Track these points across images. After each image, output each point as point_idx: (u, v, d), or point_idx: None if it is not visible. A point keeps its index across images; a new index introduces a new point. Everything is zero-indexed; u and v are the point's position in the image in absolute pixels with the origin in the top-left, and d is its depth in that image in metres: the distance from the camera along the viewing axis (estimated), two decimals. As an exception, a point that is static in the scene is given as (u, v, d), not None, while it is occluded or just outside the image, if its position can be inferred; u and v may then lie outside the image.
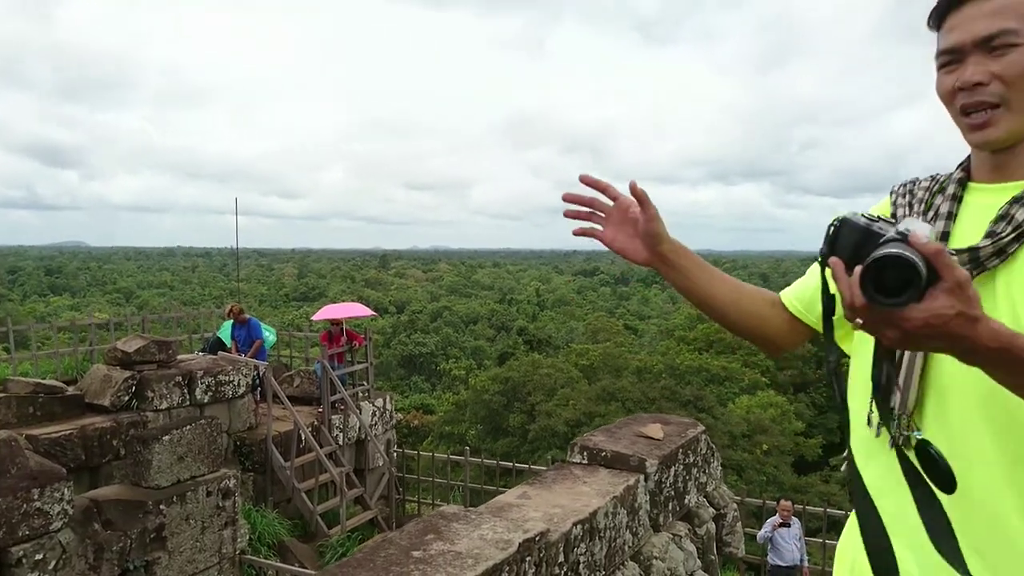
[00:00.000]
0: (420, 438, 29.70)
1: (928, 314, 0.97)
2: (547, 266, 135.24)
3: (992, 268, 1.22)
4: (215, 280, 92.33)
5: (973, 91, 1.22)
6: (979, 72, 1.21)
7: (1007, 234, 1.21)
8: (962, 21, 1.23)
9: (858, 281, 0.98)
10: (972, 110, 1.24)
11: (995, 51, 1.21)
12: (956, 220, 1.31)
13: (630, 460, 4.13)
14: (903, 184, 1.45)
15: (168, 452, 6.75)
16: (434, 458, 11.28)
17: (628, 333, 53.03)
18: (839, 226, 1.08)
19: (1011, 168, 1.27)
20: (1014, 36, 1.19)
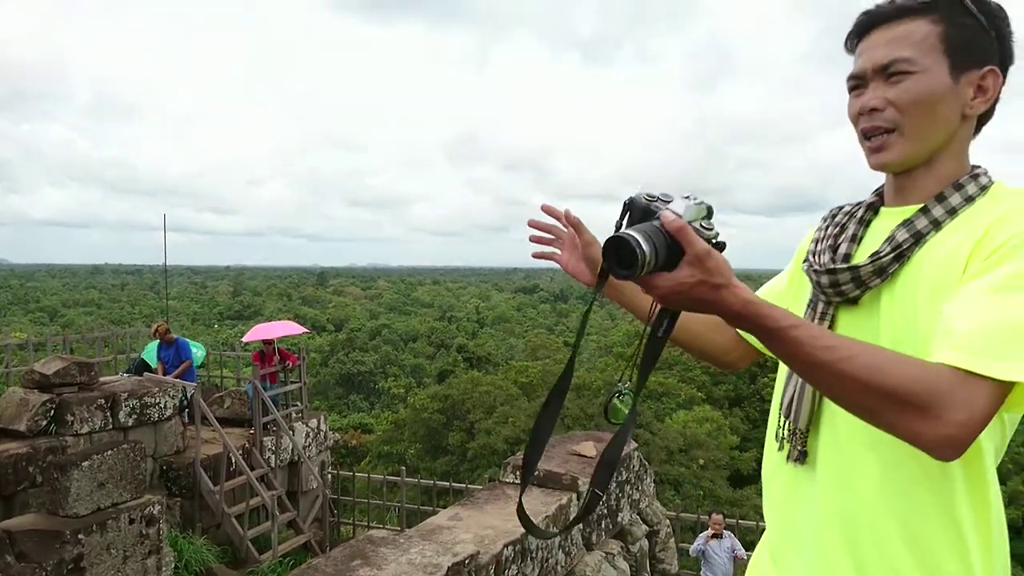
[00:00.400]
0: (358, 458, 29.22)
1: (673, 282, 1.07)
2: (487, 283, 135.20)
3: (874, 287, 1.26)
4: (145, 298, 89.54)
5: (871, 116, 1.27)
6: (876, 98, 1.26)
7: (886, 254, 1.25)
8: (867, 48, 1.28)
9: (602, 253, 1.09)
10: (871, 134, 1.28)
11: (891, 78, 1.24)
12: (860, 242, 1.35)
13: (563, 479, 4.13)
14: (830, 212, 1.50)
15: (88, 478, 6.47)
16: (370, 479, 11.09)
17: (567, 350, 53.28)
18: (628, 203, 1.19)
19: (909, 192, 1.32)
20: (908, 64, 1.22)
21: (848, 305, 1.31)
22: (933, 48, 1.22)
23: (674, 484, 22.61)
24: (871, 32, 1.28)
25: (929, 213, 1.26)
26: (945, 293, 1.15)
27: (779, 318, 1.07)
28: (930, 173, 1.29)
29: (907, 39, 1.23)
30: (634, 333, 44.12)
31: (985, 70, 1.25)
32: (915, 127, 1.24)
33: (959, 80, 1.23)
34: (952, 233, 1.24)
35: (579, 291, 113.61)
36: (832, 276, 1.29)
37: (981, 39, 1.24)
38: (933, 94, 1.22)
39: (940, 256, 1.22)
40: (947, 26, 1.22)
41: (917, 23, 1.23)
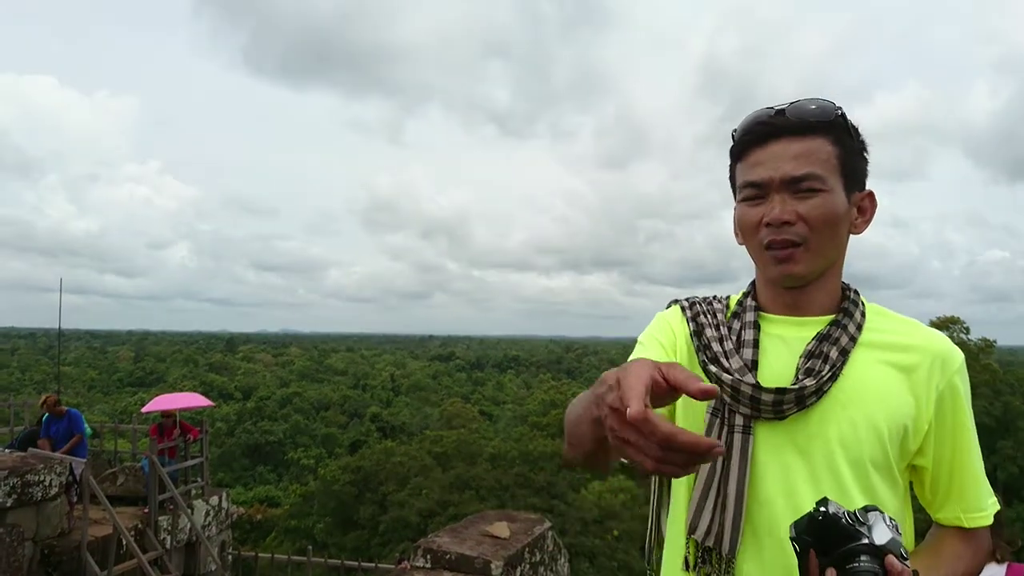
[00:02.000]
0: (264, 533, 27.94)
1: None
2: (403, 351, 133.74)
3: (809, 405, 1.25)
4: (38, 363, 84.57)
5: (780, 229, 1.25)
6: (787, 212, 1.24)
7: (825, 373, 1.24)
8: (769, 158, 1.25)
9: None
10: (777, 247, 1.26)
11: (800, 193, 1.24)
12: (761, 350, 1.32)
13: (475, 562, 3.99)
14: (702, 300, 1.45)
15: (-44, 567, 5.91)
16: (274, 558, 10.55)
17: (483, 419, 52.98)
18: (821, 517, 1.03)
19: (804, 306, 1.33)
20: (819, 182, 1.23)
21: (770, 421, 1.26)
22: (834, 168, 1.25)
23: (589, 556, 22.38)
24: (769, 143, 1.26)
25: (846, 329, 1.29)
26: (886, 415, 1.23)
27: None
28: (823, 287, 1.32)
29: (815, 156, 1.24)
30: (549, 402, 44.25)
31: (866, 192, 1.32)
32: (820, 243, 1.25)
33: (850, 200, 1.28)
34: (870, 351, 1.29)
35: (494, 359, 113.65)
36: (778, 396, 1.23)
37: (861, 163, 1.30)
38: (837, 214, 1.25)
39: (870, 376, 1.27)
40: (841, 148, 1.26)
41: (820, 141, 1.24)
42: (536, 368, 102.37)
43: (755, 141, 1.28)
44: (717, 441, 0.82)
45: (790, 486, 1.23)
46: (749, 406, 1.25)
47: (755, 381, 1.25)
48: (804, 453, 1.24)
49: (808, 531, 1.04)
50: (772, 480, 1.24)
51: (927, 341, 1.29)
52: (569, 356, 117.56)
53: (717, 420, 1.28)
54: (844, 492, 1.20)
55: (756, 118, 1.28)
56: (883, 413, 1.23)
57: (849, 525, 1.00)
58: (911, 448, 1.27)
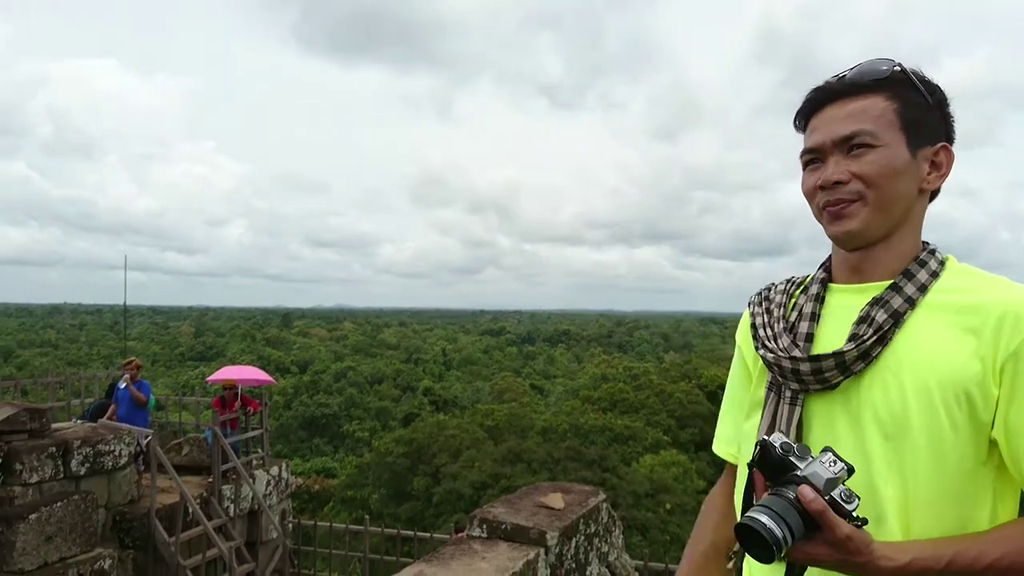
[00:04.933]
0: (321, 503, 28.61)
1: (807, 557, 1.10)
2: (453, 325, 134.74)
3: (858, 372, 1.23)
4: (104, 339, 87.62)
5: (834, 189, 1.26)
6: (839, 171, 1.26)
7: (869, 337, 1.22)
8: (822, 123, 1.28)
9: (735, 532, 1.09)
10: (833, 206, 1.28)
11: (853, 151, 1.25)
12: (820, 321, 1.33)
13: (530, 533, 4.03)
14: (758, 293, 1.48)
15: (35, 532, 6.21)
16: (332, 528, 10.82)
17: (534, 393, 53.20)
18: (761, 447, 1.16)
19: (868, 270, 1.31)
20: (870, 137, 1.24)
21: (822, 392, 1.27)
22: (891, 123, 1.24)
23: (641, 529, 22.42)
24: (824, 108, 1.29)
25: (902, 291, 1.25)
26: (939, 380, 1.17)
27: (935, 560, 1.13)
28: (889, 249, 1.29)
29: (866, 113, 1.25)
30: (600, 376, 44.22)
31: (938, 146, 1.28)
32: (879, 199, 1.25)
33: (916, 156, 1.25)
34: (932, 313, 1.24)
35: (545, 333, 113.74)
36: (815, 364, 1.25)
37: (931, 117, 1.27)
38: (896, 168, 1.24)
39: (926, 339, 1.21)
40: (901, 103, 1.25)
41: (873, 99, 1.25)
42: (587, 342, 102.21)
43: (812, 109, 1.32)
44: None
45: (845, 452, 1.21)
46: (794, 379, 1.28)
47: (796, 354, 1.28)
48: (855, 420, 1.23)
49: (758, 459, 1.16)
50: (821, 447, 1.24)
51: (1001, 299, 1.20)
52: (620, 330, 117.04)
53: (772, 394, 1.33)
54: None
55: (813, 87, 1.32)
56: (937, 378, 1.17)
57: (781, 456, 1.12)
58: (983, 418, 1.18)
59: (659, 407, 34.39)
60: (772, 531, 1.04)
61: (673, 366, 43.62)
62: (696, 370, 38.69)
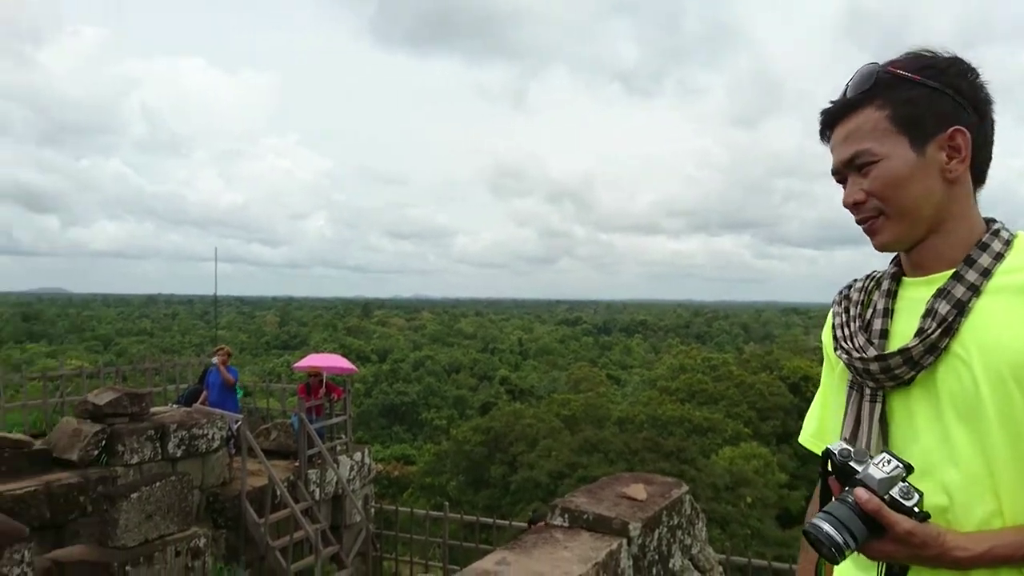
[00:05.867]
0: (401, 489, 29.21)
1: (881, 554, 1.14)
2: (530, 315, 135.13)
3: (929, 365, 1.23)
4: (195, 328, 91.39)
5: (857, 209, 1.31)
6: (855, 192, 1.30)
7: (934, 330, 1.22)
8: (833, 146, 1.33)
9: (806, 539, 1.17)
10: (863, 223, 1.32)
11: (862, 170, 1.28)
12: (894, 316, 1.33)
13: (612, 523, 4.01)
14: (840, 292, 1.49)
15: (136, 510, 6.53)
16: (413, 513, 11.02)
17: (610, 383, 52.94)
18: (826, 455, 1.23)
19: (928, 263, 1.32)
20: (868, 155, 1.26)
21: (901, 386, 1.27)
22: (887, 131, 1.25)
23: (721, 523, 22.08)
24: (833, 129, 1.33)
25: (963, 279, 1.24)
26: (1011, 363, 1.15)
27: (1015, 548, 1.12)
28: (944, 239, 1.29)
29: (860, 130, 1.27)
30: (678, 367, 43.64)
31: (950, 131, 1.24)
32: (896, 210, 1.27)
33: (925, 151, 1.24)
34: (998, 297, 1.22)
35: (621, 323, 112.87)
36: (883, 363, 1.26)
37: (936, 104, 1.24)
38: (899, 176, 1.25)
39: (994, 325, 1.20)
40: (892, 107, 1.25)
41: (864, 114, 1.27)
42: (664, 332, 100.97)
43: (822, 134, 1.37)
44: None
45: (922, 449, 1.23)
46: (869, 377, 1.29)
47: (868, 354, 1.28)
48: (934, 412, 1.23)
49: (826, 467, 1.23)
50: (904, 446, 1.25)
51: None
52: (698, 320, 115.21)
53: (854, 392, 1.34)
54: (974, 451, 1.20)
55: (822, 108, 1.35)
56: (1008, 362, 1.15)
57: (842, 462, 1.18)
58: None
59: (739, 398, 33.73)
60: (831, 536, 1.10)
61: (754, 357, 42.66)
62: (778, 361, 37.76)
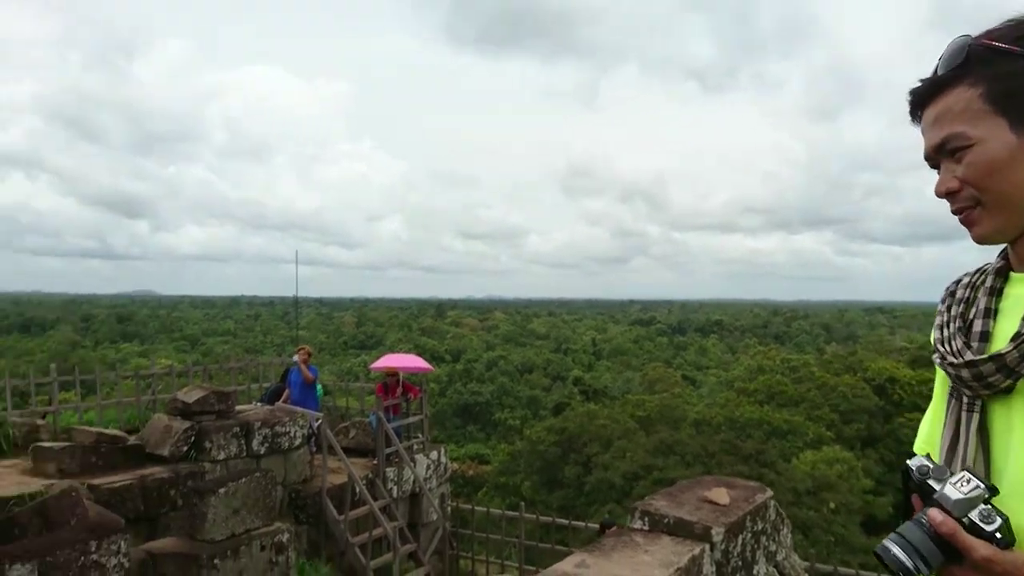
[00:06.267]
0: (475, 488, 29.43)
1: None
2: (603, 315, 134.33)
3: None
4: (276, 328, 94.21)
5: (951, 198, 1.17)
6: (948, 180, 1.16)
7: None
8: (924, 128, 1.19)
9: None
10: (958, 213, 1.18)
11: (954, 155, 1.14)
12: (998, 316, 1.19)
13: (694, 527, 3.92)
14: (947, 287, 1.35)
15: (223, 505, 6.74)
16: (489, 513, 11.07)
17: (686, 384, 52.18)
18: (904, 471, 1.15)
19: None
20: (960, 139, 1.12)
21: (1001, 395, 1.13)
22: (980, 112, 1.10)
23: (802, 528, 21.44)
24: (923, 112, 1.19)
25: None
26: None
27: None
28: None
29: (951, 111, 1.13)
30: (756, 368, 42.64)
31: None
32: (994, 200, 1.12)
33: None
34: None
35: (696, 323, 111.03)
36: (974, 369, 1.12)
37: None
38: (997, 161, 1.10)
39: None
40: (987, 84, 1.10)
41: (955, 93, 1.12)
42: (741, 332, 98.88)
43: (912, 115, 1.22)
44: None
45: (1016, 467, 1.10)
46: (963, 385, 1.17)
47: (961, 358, 1.15)
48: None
49: (906, 482, 1.14)
50: (1000, 462, 1.13)
51: None
52: (777, 320, 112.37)
53: (953, 400, 1.21)
54: None
55: (910, 88, 1.21)
56: None
57: (920, 479, 1.10)
58: None
59: (821, 401, 32.72)
60: (900, 560, 1.03)
61: (836, 358, 41.31)
62: (862, 362, 36.45)
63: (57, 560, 5.45)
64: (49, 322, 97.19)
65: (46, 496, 6.36)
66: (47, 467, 7.70)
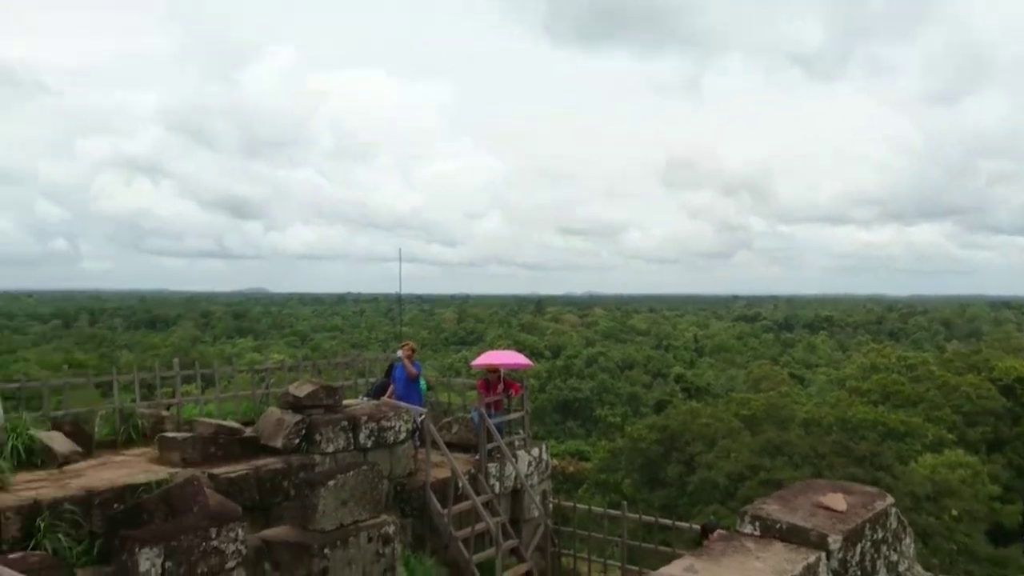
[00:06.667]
0: (575, 485, 29.36)
1: None
2: (705, 311, 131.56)
3: None
4: (381, 324, 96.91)
5: None
6: None
7: None
8: None
9: None
10: None
11: None
12: None
13: (809, 534, 3.75)
14: None
15: (333, 496, 6.94)
16: (591, 511, 11.00)
17: (793, 382, 50.49)
18: None
19: None
20: None
21: None
22: None
23: (922, 536, 20.33)
24: None
25: None
26: None
27: None
28: None
29: None
30: (870, 366, 40.75)
31: None
32: None
33: None
34: None
35: (805, 319, 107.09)
36: None
37: None
38: None
39: None
40: None
41: None
42: (852, 329, 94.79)
43: None
44: None
45: None
46: None
47: None
48: None
49: None
50: None
51: None
52: (892, 316, 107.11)
53: None
54: None
55: None
56: None
57: None
58: None
59: (941, 402, 30.95)
60: None
61: (957, 356, 39.02)
62: (987, 361, 34.28)
63: (181, 545, 5.75)
64: (172, 319, 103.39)
65: (171, 484, 6.72)
66: (171, 456, 8.14)
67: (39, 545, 6.14)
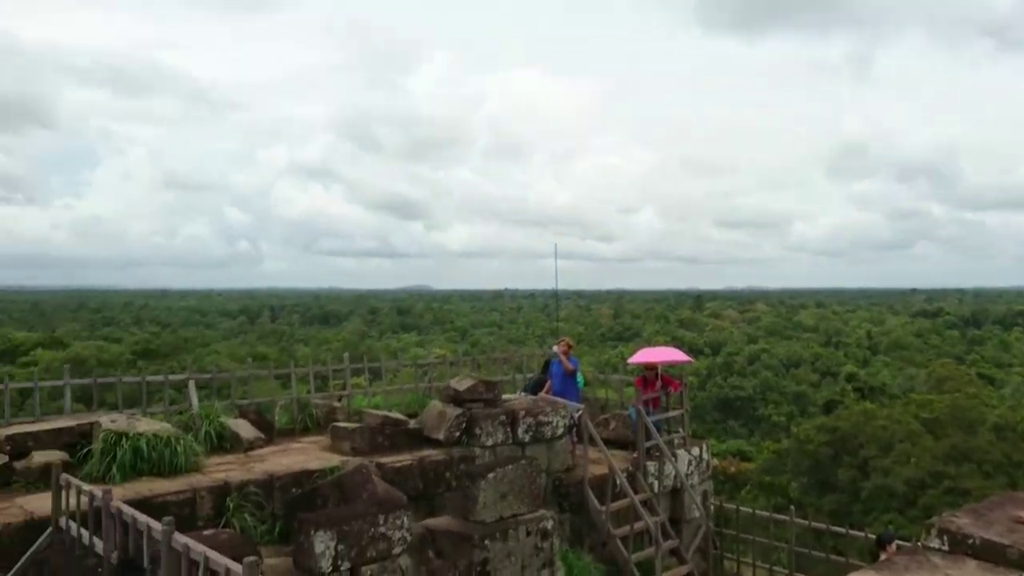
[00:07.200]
0: (737, 486, 28.40)
1: None
2: (879, 306, 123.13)
3: None
4: (537, 320, 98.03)
5: None
6: None
7: None
8: None
9: None
10: None
11: None
12: None
13: (1007, 552, 3.40)
14: None
15: (492, 489, 7.08)
16: (755, 514, 10.58)
17: (983, 383, 46.23)
18: None
19: None
20: None
21: None
22: None
23: None
24: None
25: None
26: None
27: None
28: None
29: None
30: (1076, 366, 36.55)
31: None
32: None
33: None
34: None
35: (995, 314, 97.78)
36: None
37: None
38: None
39: None
40: None
41: None
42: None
43: None
44: None
45: None
46: None
47: None
48: None
49: None
50: None
51: None
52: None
53: None
54: None
55: None
56: None
57: None
58: None
59: None
60: None
61: None
62: None
63: (352, 529, 6.06)
64: (343, 315, 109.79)
65: (343, 472, 7.10)
66: (342, 445, 8.61)
67: (228, 523, 6.69)
